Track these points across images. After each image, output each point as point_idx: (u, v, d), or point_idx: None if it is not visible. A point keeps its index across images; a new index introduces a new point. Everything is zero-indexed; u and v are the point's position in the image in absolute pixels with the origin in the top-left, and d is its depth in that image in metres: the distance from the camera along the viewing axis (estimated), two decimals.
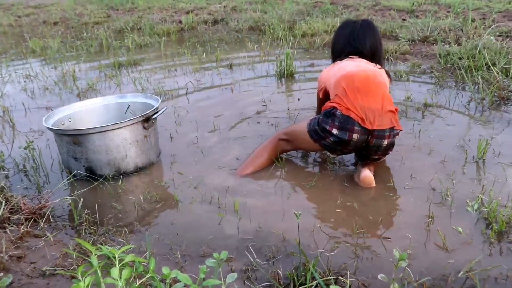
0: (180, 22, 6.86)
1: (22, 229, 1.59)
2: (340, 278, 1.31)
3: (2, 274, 1.29)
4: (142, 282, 1.11)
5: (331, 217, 1.73)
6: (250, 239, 1.59)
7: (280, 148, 2.14)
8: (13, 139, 2.72)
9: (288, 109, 2.89)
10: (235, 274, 1.02)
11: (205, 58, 4.59)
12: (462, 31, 4.53)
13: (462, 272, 1.33)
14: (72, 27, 7.31)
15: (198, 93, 3.44)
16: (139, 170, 2.18)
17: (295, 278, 1.30)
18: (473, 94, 2.96)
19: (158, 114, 2.18)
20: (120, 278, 0.90)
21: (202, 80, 3.80)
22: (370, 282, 1.34)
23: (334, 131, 1.88)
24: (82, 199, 1.82)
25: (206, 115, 2.92)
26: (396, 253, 1.14)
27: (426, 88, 3.22)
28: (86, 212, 1.76)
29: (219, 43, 5.44)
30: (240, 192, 1.94)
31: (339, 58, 2.15)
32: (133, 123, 2.08)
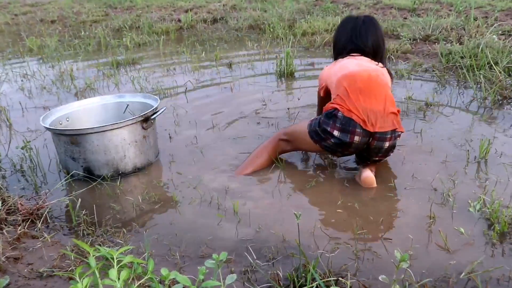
0: (179, 20, 6.86)
1: (19, 230, 1.59)
2: (340, 279, 1.31)
3: None
4: (141, 283, 1.11)
5: (332, 217, 1.73)
6: (250, 240, 1.59)
7: (280, 148, 2.13)
8: (10, 139, 2.72)
9: (288, 108, 2.89)
10: (235, 275, 1.02)
11: (204, 57, 4.59)
12: (464, 30, 4.53)
13: (464, 273, 1.34)
14: (69, 26, 7.30)
15: (197, 92, 3.44)
16: (138, 170, 2.18)
17: (295, 279, 1.30)
18: (475, 94, 2.96)
19: (157, 114, 2.18)
20: (118, 279, 0.90)
21: (201, 79, 3.80)
22: (371, 283, 1.34)
23: (336, 133, 1.88)
24: (80, 200, 1.83)
25: (205, 115, 2.92)
26: (397, 254, 1.14)
27: (428, 87, 3.22)
28: (84, 212, 1.76)
29: (219, 42, 5.44)
30: (239, 192, 1.94)
31: (341, 55, 2.14)
32: (132, 123, 2.08)
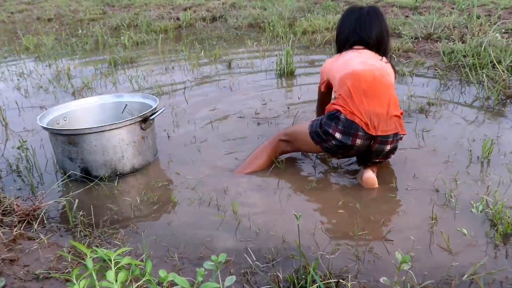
0: (177, 19, 6.86)
1: (15, 231, 1.60)
2: (341, 281, 1.31)
3: None
4: (139, 285, 1.11)
5: (332, 218, 1.73)
6: (249, 241, 1.59)
7: (280, 149, 2.13)
8: (6, 139, 2.72)
9: (288, 108, 2.90)
10: (234, 277, 1.03)
11: (203, 56, 4.59)
12: (467, 28, 4.53)
13: (466, 275, 1.34)
14: (66, 24, 7.30)
15: (196, 91, 3.44)
16: (136, 171, 2.19)
17: (295, 281, 1.30)
18: (478, 93, 2.96)
19: (156, 114, 2.18)
20: (116, 281, 0.90)
21: (200, 78, 3.80)
22: (372, 285, 1.34)
23: (337, 135, 1.88)
24: (77, 201, 1.83)
25: (204, 114, 2.92)
26: (398, 255, 1.14)
27: (430, 86, 3.22)
28: (81, 213, 1.76)
29: (218, 41, 5.44)
30: (239, 193, 1.94)
31: (344, 48, 2.10)
32: (130, 124, 2.08)
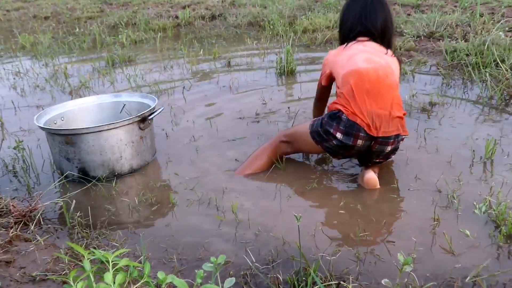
0: (176, 17, 6.86)
1: (11, 232, 1.60)
2: (342, 283, 1.31)
3: None
4: (137, 287, 1.11)
5: (333, 219, 1.73)
6: (249, 243, 1.59)
7: (280, 150, 2.13)
8: (2, 139, 2.72)
9: (288, 108, 2.90)
10: (233, 279, 1.03)
11: (202, 55, 4.59)
12: (470, 27, 4.53)
13: (469, 277, 1.34)
14: (63, 22, 7.30)
15: (195, 91, 3.44)
16: (134, 171, 2.19)
17: (296, 283, 1.30)
18: (481, 92, 2.97)
19: (154, 114, 2.18)
20: (113, 283, 0.90)
21: (199, 77, 3.80)
22: (373, 287, 1.34)
23: (338, 135, 1.88)
24: (74, 201, 1.83)
25: (203, 114, 2.93)
26: (400, 257, 1.14)
27: (432, 86, 3.22)
28: (78, 214, 1.76)
29: (217, 39, 5.44)
30: (238, 194, 1.94)
31: (348, 38, 2.06)
32: (128, 124, 2.08)
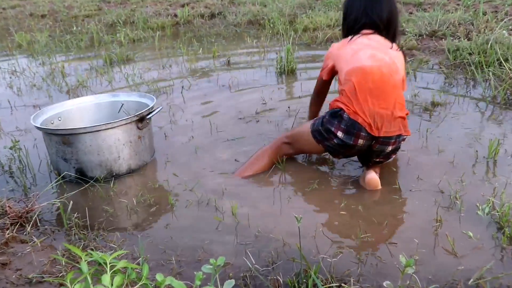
0: (175, 15, 6.86)
1: (7, 234, 1.59)
2: (343, 285, 1.31)
3: None
4: None
5: (334, 221, 1.73)
6: (249, 244, 1.59)
7: (282, 151, 2.13)
8: None
9: (288, 107, 2.90)
10: (233, 281, 1.03)
11: (201, 54, 4.59)
12: (473, 25, 4.53)
13: (472, 279, 1.34)
14: (60, 20, 7.30)
15: (194, 90, 3.44)
16: (132, 172, 2.19)
17: (296, 285, 1.30)
18: (484, 92, 2.97)
19: (153, 114, 2.18)
20: (111, 285, 0.90)
21: (198, 76, 3.80)
22: None
23: (339, 134, 1.88)
24: (71, 202, 1.82)
25: (202, 113, 2.93)
26: (402, 259, 1.14)
27: (434, 85, 3.22)
28: (76, 216, 1.76)
29: (217, 38, 5.44)
30: (238, 194, 1.94)
31: (352, 31, 2.02)
32: (126, 123, 2.08)
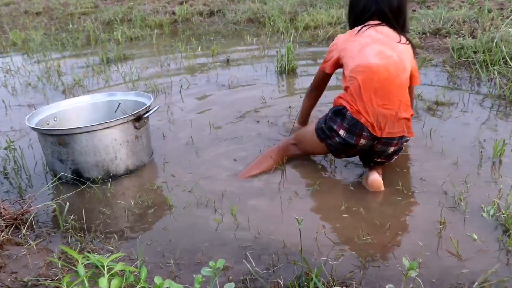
0: (173, 13, 6.86)
1: (2, 236, 1.60)
2: None
3: None
4: None
5: (336, 223, 1.73)
6: (249, 246, 1.59)
7: (289, 152, 2.15)
8: None
9: (289, 107, 2.90)
10: (233, 284, 1.03)
11: (200, 52, 4.59)
12: (478, 23, 4.53)
13: (477, 283, 1.34)
14: (56, 18, 7.30)
15: (193, 89, 3.44)
16: (130, 172, 2.19)
17: None
18: (489, 91, 2.97)
19: (150, 113, 2.19)
20: None
21: (197, 75, 3.81)
22: None
23: (341, 133, 1.89)
24: (68, 204, 1.83)
25: (201, 113, 2.93)
26: (405, 261, 1.15)
27: (438, 84, 3.22)
28: (72, 217, 1.76)
29: (216, 36, 5.44)
30: (238, 196, 1.94)
31: (359, 21, 1.98)
32: (123, 123, 2.08)
